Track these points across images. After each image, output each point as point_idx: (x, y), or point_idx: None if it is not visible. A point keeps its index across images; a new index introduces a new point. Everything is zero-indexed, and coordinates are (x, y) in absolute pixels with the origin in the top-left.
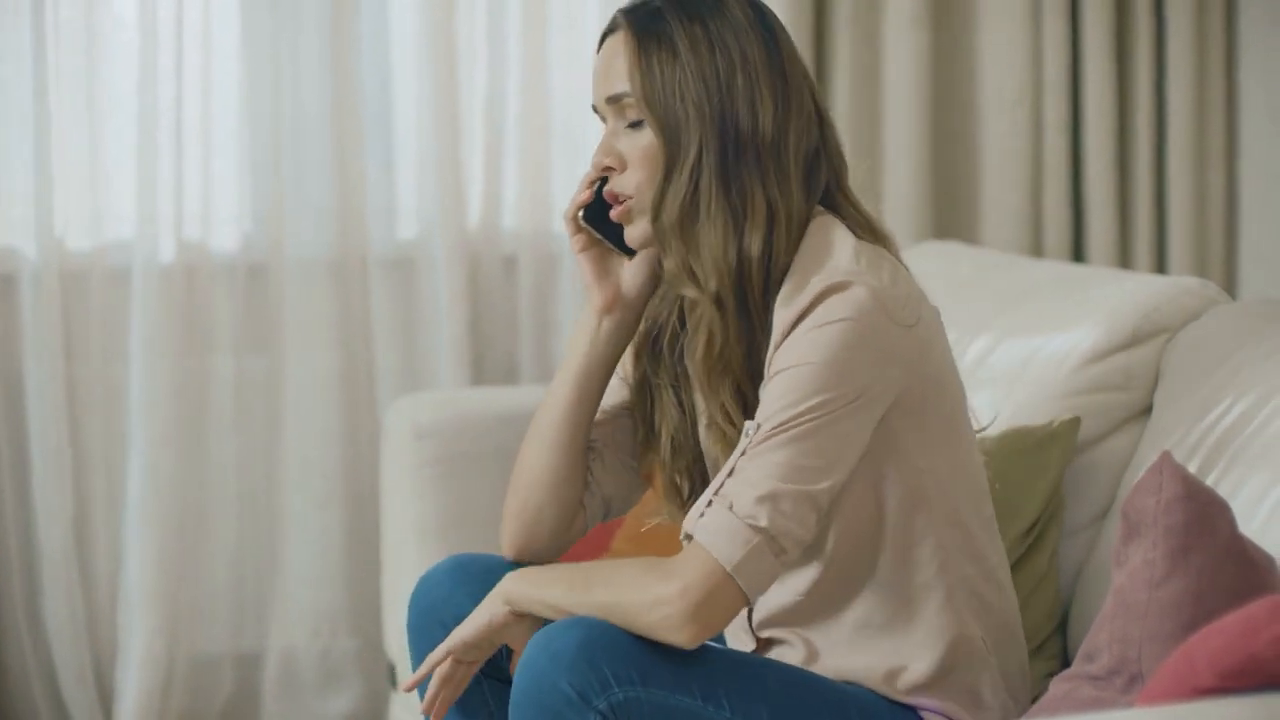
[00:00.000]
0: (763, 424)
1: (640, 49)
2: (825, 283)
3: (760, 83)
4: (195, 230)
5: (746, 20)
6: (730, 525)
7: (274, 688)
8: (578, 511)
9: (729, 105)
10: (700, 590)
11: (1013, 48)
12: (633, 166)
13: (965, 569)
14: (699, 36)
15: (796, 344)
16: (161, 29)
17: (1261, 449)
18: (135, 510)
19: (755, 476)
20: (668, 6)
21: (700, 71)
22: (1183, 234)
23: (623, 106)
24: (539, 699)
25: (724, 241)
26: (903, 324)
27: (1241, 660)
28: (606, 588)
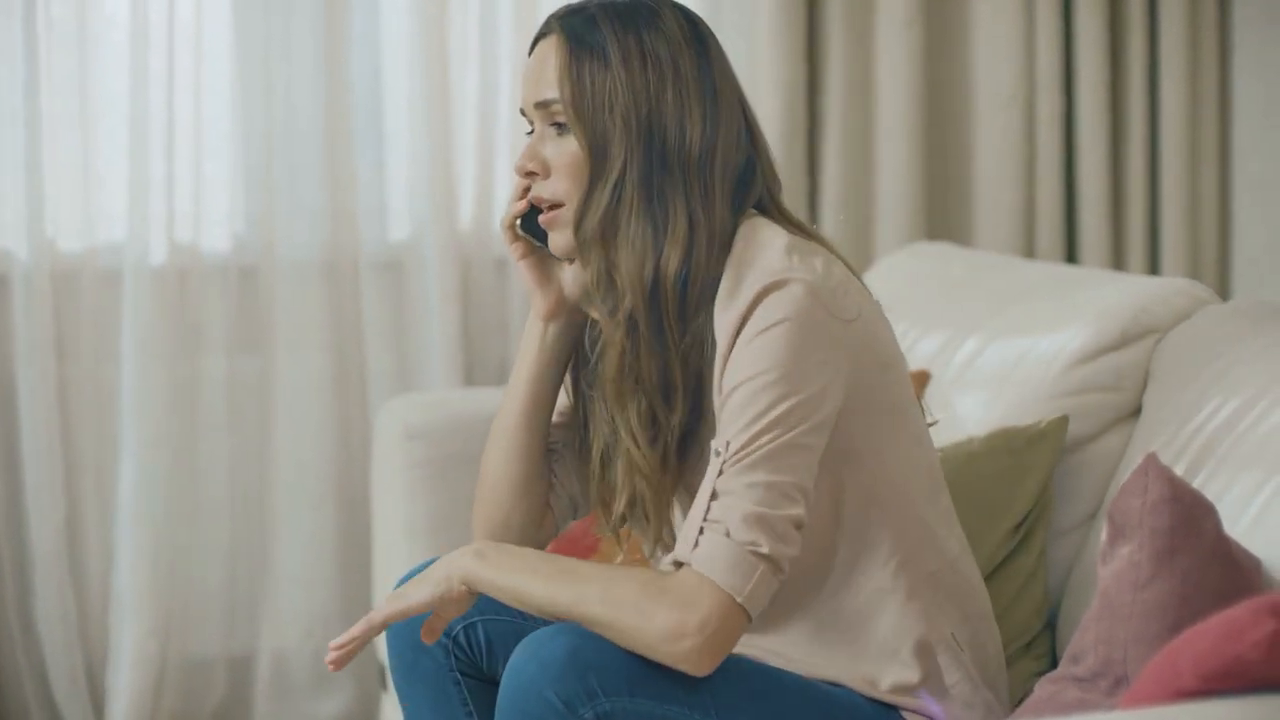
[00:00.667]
0: (731, 442)
1: (572, 57)
2: (761, 282)
3: (690, 98)
4: (187, 232)
5: (680, 33)
6: (734, 554)
7: (266, 689)
8: (545, 513)
9: (657, 119)
10: (718, 623)
11: (1005, 46)
12: (557, 173)
13: (927, 565)
14: (631, 48)
15: (743, 355)
16: (153, 30)
17: (1250, 450)
18: (127, 511)
19: (741, 498)
20: (602, 15)
21: (631, 84)
22: (1176, 233)
23: (551, 112)
24: (525, 707)
25: (641, 257)
26: (843, 318)
27: (1225, 663)
28: (604, 606)
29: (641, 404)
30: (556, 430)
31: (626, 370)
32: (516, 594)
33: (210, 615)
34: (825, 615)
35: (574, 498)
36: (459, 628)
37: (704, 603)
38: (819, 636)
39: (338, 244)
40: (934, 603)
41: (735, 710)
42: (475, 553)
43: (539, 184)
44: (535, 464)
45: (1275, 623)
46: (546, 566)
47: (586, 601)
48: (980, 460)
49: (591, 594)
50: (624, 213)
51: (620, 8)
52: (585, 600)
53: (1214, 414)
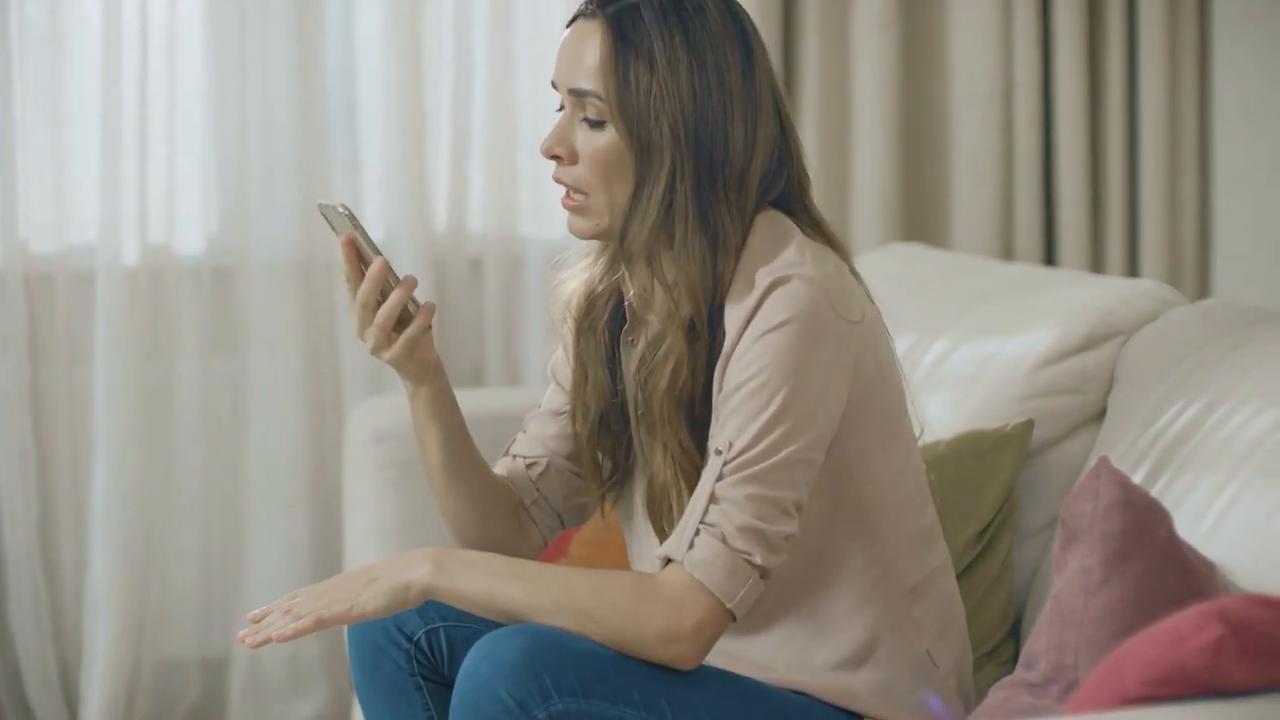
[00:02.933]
0: (734, 443)
1: (616, 53)
2: (769, 278)
3: (734, 105)
4: (160, 233)
5: (723, 28)
6: (729, 562)
7: (240, 692)
8: (529, 528)
9: (703, 129)
10: (709, 627)
11: (982, 46)
12: (585, 163)
13: (906, 578)
14: (679, 48)
15: (748, 353)
16: (126, 31)
17: (1211, 453)
18: (100, 513)
19: (740, 507)
20: (647, 6)
21: (677, 90)
22: (1155, 233)
23: (585, 103)
24: (478, 707)
25: (701, 270)
26: (848, 319)
27: (1168, 669)
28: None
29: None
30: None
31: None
32: (488, 602)
33: (184, 617)
34: (798, 622)
35: (559, 510)
36: (420, 632)
37: (696, 606)
38: (789, 642)
39: (312, 245)
40: (910, 617)
41: (690, 713)
42: (434, 564)
43: (562, 168)
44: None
45: (1219, 629)
46: (517, 569)
47: (575, 600)
48: (945, 464)
49: (579, 593)
50: (677, 227)
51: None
52: (572, 599)
53: (1177, 417)
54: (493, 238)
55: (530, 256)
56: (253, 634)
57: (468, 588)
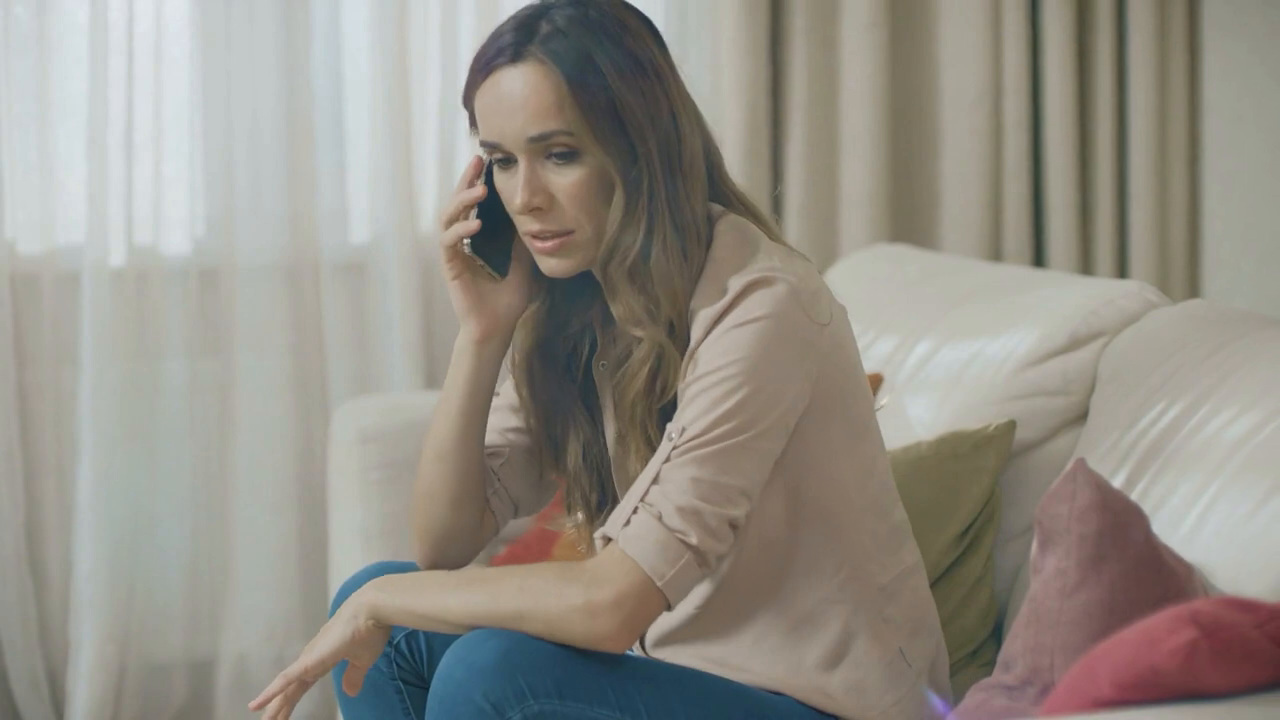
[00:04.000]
0: (687, 428)
1: (568, 82)
2: (746, 279)
3: (674, 96)
4: (146, 234)
5: (637, 25)
6: (661, 538)
7: (227, 694)
8: (485, 517)
9: (662, 128)
10: (634, 601)
11: (971, 48)
12: (568, 201)
13: (877, 578)
14: (615, 56)
15: (716, 345)
16: (112, 32)
17: (1193, 454)
18: (86, 515)
19: (682, 489)
20: (564, 24)
21: (630, 96)
22: (1145, 235)
23: (551, 144)
24: (454, 710)
25: (681, 268)
26: (818, 321)
27: (1140, 672)
28: (521, 595)
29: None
30: (504, 434)
31: (657, 381)
32: (430, 613)
33: (170, 619)
34: (770, 623)
35: (516, 500)
36: (400, 635)
37: (621, 579)
38: (762, 644)
39: (298, 246)
40: (882, 617)
41: (667, 714)
42: (375, 587)
43: (544, 217)
44: (473, 478)
45: (1192, 632)
46: (453, 579)
47: (504, 596)
48: (927, 465)
49: (507, 589)
50: (656, 234)
51: (575, 12)
52: (502, 596)
53: (1158, 419)
54: None
55: None
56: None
57: (411, 603)
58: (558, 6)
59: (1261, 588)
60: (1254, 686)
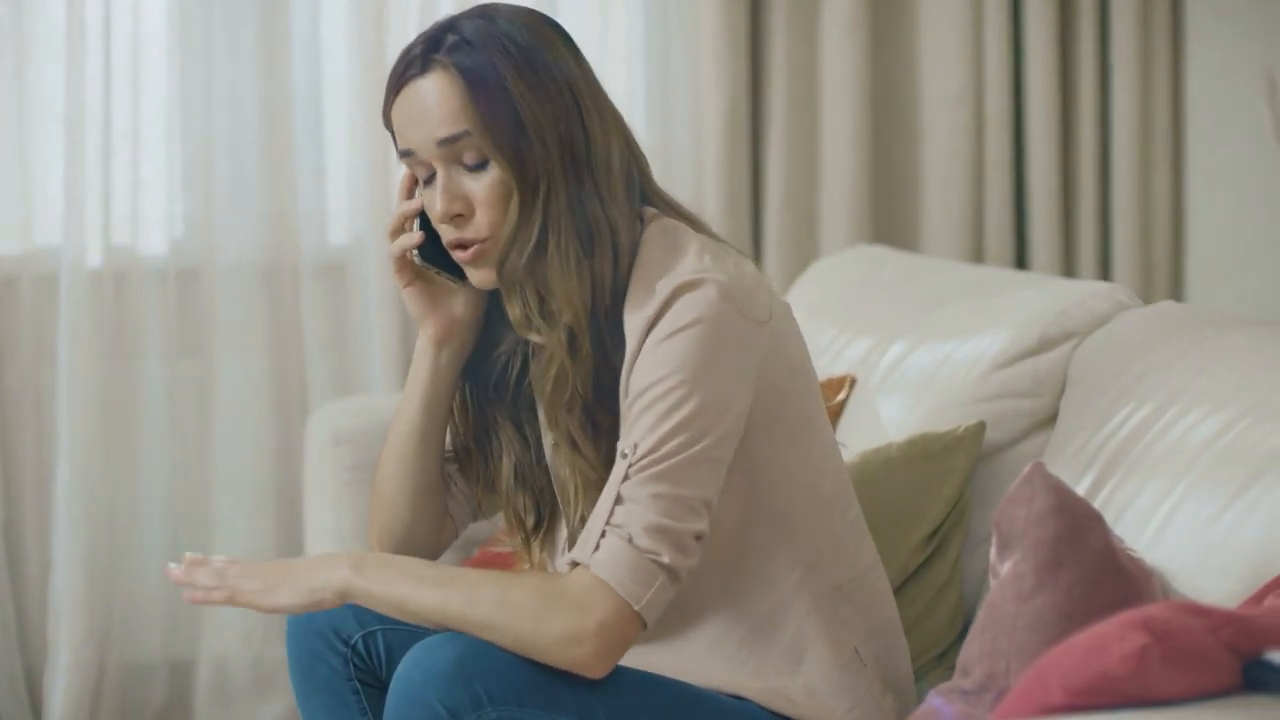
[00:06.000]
0: (639, 444)
1: (469, 88)
2: (674, 283)
3: (583, 98)
4: (124, 235)
5: (542, 30)
6: (634, 561)
7: (206, 695)
8: (445, 519)
9: (565, 130)
10: (615, 629)
11: (952, 46)
12: (483, 207)
13: (833, 577)
14: (518, 62)
15: (653, 356)
16: (90, 32)
17: (1158, 457)
18: (64, 515)
19: (646, 507)
20: (471, 34)
21: (536, 101)
22: (1128, 236)
23: (458, 149)
24: (411, 715)
25: (577, 274)
26: (755, 319)
27: (1091, 678)
28: (498, 609)
29: (580, 413)
30: (457, 439)
31: (566, 385)
32: (400, 605)
33: (149, 620)
34: (726, 626)
35: (473, 504)
36: (358, 636)
37: (600, 606)
38: (719, 648)
39: (277, 248)
40: (839, 617)
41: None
42: (353, 564)
43: (464, 225)
44: (433, 479)
45: (1143, 637)
46: (432, 574)
47: (480, 606)
48: (896, 466)
49: (485, 598)
50: (553, 237)
51: (484, 23)
52: (478, 605)
53: (1126, 421)
54: None
55: None
56: (180, 577)
57: (382, 591)
58: (466, 18)
59: (1226, 589)
60: (1207, 693)
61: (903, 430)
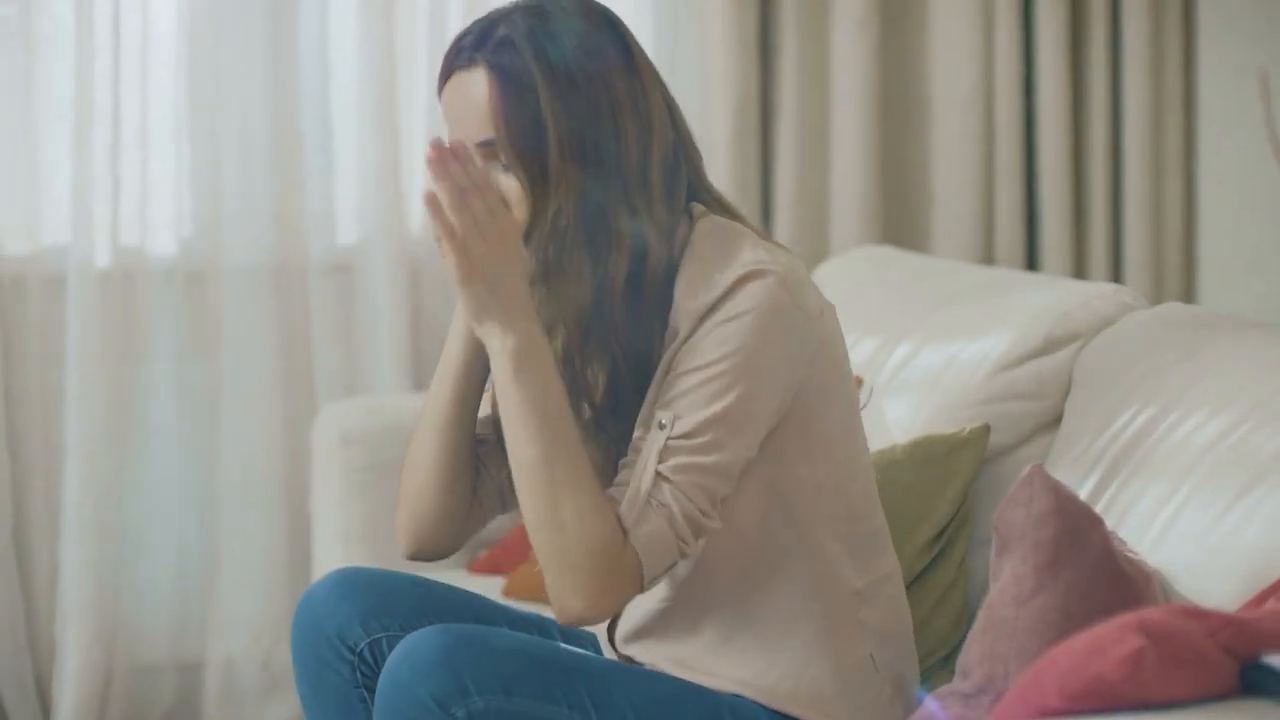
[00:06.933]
0: (680, 419)
1: (501, 94)
2: (735, 273)
3: (622, 103)
4: (133, 236)
5: (597, 35)
6: (668, 546)
7: (214, 696)
8: (473, 505)
9: (591, 140)
10: (622, 599)
11: (963, 46)
12: (513, 208)
13: (852, 582)
14: (557, 70)
15: (709, 337)
16: (99, 32)
17: (1162, 459)
18: (73, 517)
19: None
20: (518, 34)
21: (564, 110)
22: (1139, 240)
23: (495, 152)
24: (398, 706)
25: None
26: (811, 314)
27: (1087, 681)
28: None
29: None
30: (484, 423)
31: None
32: (507, 422)
33: (158, 622)
34: (738, 623)
35: (503, 490)
36: (364, 644)
37: (625, 592)
38: (729, 643)
39: (286, 248)
40: (854, 621)
41: (615, 711)
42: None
43: None
44: (463, 458)
45: (1139, 640)
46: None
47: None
48: (901, 468)
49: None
50: (561, 246)
51: (535, 23)
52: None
53: (1129, 423)
54: None
55: None
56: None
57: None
58: (520, 13)
59: (1228, 591)
60: (1204, 696)
61: (908, 431)
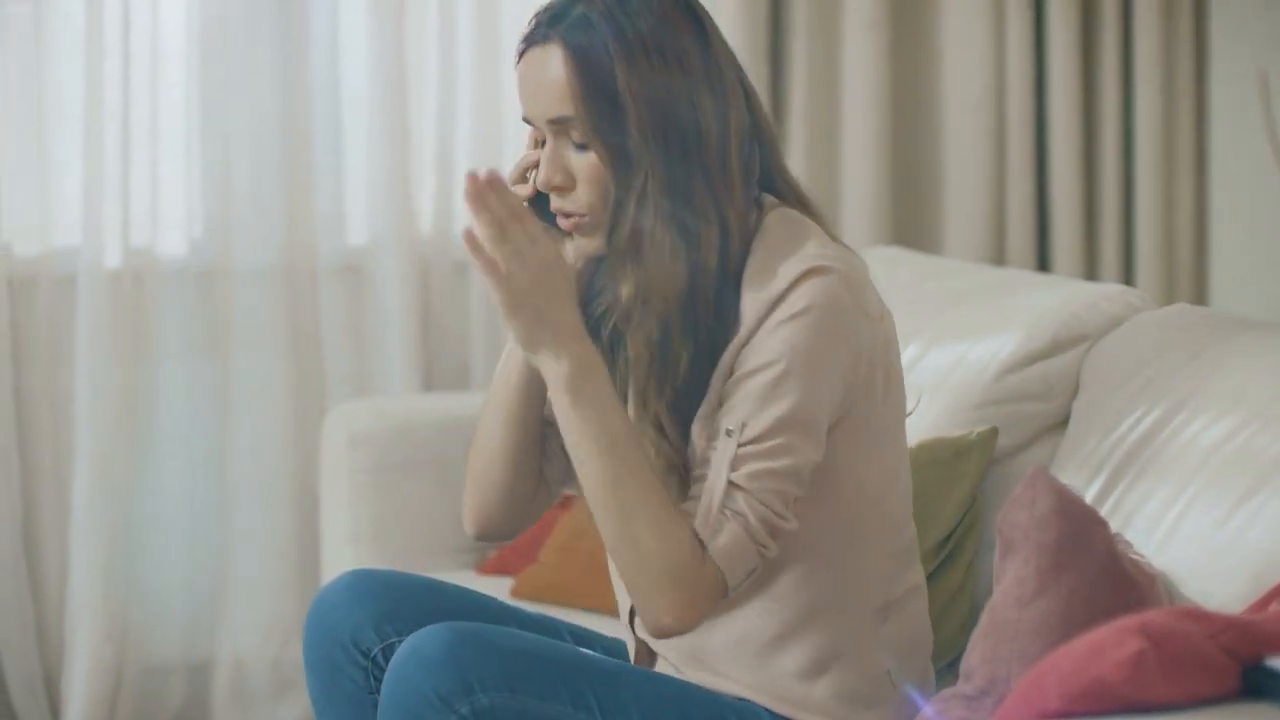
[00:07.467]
0: (748, 425)
1: (578, 71)
2: (799, 268)
3: (699, 86)
4: (143, 236)
5: (673, 10)
6: (747, 552)
7: (224, 697)
8: (538, 486)
9: (672, 118)
10: (710, 608)
11: (974, 47)
12: (584, 184)
13: (880, 594)
14: (634, 46)
15: (772, 337)
16: (109, 33)
17: (1168, 461)
18: (83, 517)
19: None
20: (595, 12)
21: (642, 87)
22: (1150, 241)
23: (568, 127)
24: (403, 703)
25: (672, 266)
26: (872, 315)
27: (1087, 683)
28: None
29: (669, 400)
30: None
31: (658, 374)
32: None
33: (168, 621)
34: (757, 625)
35: (567, 471)
36: (377, 648)
37: (713, 596)
38: (745, 644)
39: (296, 248)
40: (877, 635)
41: (620, 710)
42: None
43: (563, 196)
44: (529, 441)
45: (1140, 643)
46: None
47: (634, 524)
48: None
49: (637, 522)
50: (651, 223)
51: (613, 2)
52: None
53: (1136, 424)
54: None
55: None
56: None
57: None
58: None
59: (1233, 593)
60: (1206, 698)
61: (915, 432)
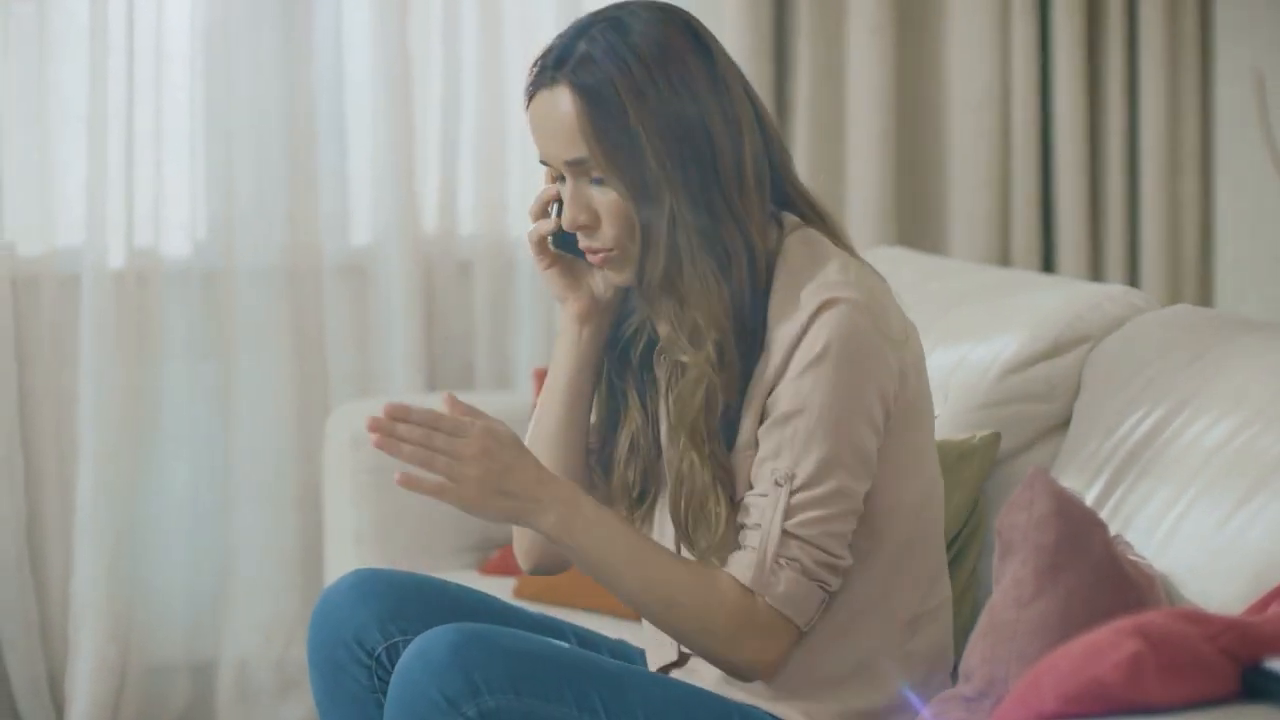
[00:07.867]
0: (796, 473)
1: (588, 112)
2: (819, 298)
3: (708, 103)
4: (146, 236)
5: (673, 37)
6: (809, 592)
7: (228, 696)
8: None
9: (689, 148)
10: (788, 650)
11: (979, 48)
12: (609, 220)
13: (908, 609)
14: (639, 79)
15: (802, 380)
16: (113, 32)
17: (1170, 462)
18: (87, 517)
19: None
20: (598, 50)
21: (654, 122)
22: (1156, 241)
23: (586, 167)
24: (410, 705)
25: (716, 290)
26: (895, 340)
27: (1083, 685)
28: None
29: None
30: (593, 431)
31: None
32: (597, 575)
33: (171, 622)
34: None
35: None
36: (381, 648)
37: (785, 638)
38: None
39: (299, 249)
40: (904, 650)
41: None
42: (560, 519)
43: (591, 235)
44: (577, 461)
45: (1137, 644)
46: (629, 553)
47: (679, 611)
48: None
49: (683, 607)
50: (684, 255)
51: (615, 37)
52: (677, 609)
53: (1137, 425)
54: (482, 240)
55: (520, 259)
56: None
57: (586, 551)
58: (599, 26)
59: (1232, 594)
60: (1204, 700)
61: None
